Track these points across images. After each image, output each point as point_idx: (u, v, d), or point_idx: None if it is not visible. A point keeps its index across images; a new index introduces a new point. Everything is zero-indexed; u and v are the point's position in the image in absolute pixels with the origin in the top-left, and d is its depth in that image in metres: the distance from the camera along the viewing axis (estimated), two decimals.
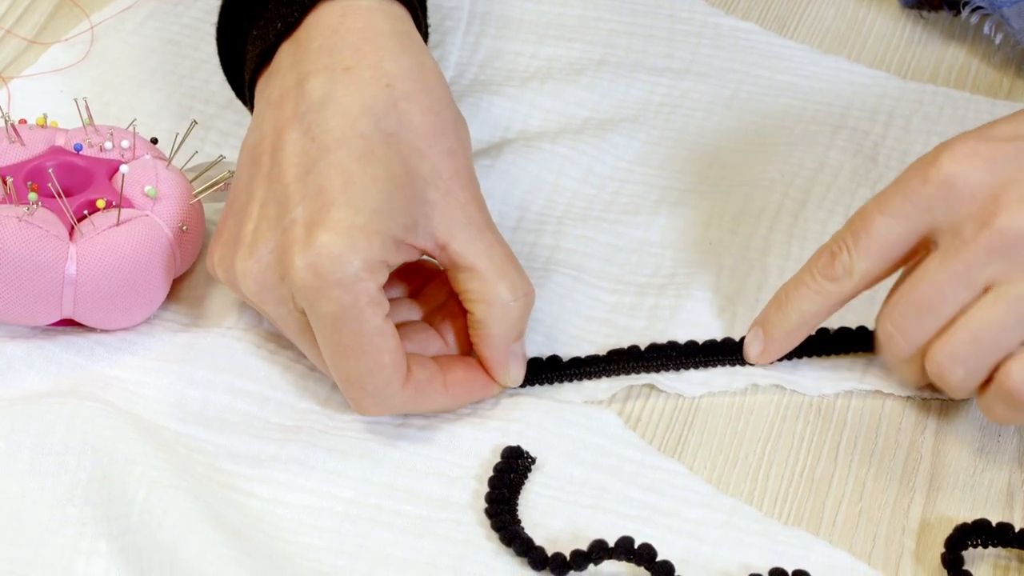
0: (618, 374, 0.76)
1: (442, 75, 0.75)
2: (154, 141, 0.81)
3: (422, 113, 0.72)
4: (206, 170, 0.79)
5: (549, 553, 0.67)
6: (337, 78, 0.72)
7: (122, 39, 0.93)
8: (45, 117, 0.79)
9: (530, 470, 0.71)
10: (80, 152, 0.77)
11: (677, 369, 0.76)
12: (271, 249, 0.70)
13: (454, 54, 0.93)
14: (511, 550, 0.68)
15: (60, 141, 0.78)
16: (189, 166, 0.80)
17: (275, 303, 0.71)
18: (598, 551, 0.67)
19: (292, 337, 0.72)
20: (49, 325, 0.76)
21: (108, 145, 0.78)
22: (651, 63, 0.93)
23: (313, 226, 0.69)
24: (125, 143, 0.78)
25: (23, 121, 0.79)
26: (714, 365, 0.76)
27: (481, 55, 0.93)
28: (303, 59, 0.74)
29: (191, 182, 0.78)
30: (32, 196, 0.73)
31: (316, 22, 0.74)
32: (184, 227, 0.76)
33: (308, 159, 0.71)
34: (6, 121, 0.77)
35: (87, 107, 0.79)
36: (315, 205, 0.69)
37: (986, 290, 0.69)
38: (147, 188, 0.76)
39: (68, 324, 0.76)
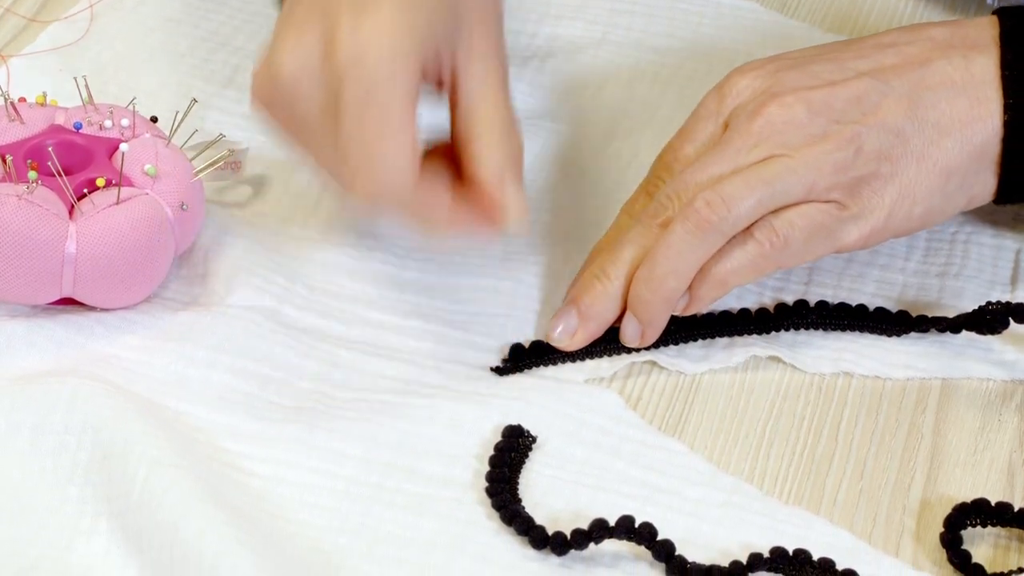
0: (619, 351, 0.76)
1: None
2: (154, 119, 0.80)
3: None
4: (206, 148, 0.79)
5: (550, 532, 0.67)
6: None
7: (122, 17, 0.93)
8: (45, 95, 0.79)
9: (531, 449, 0.71)
10: (80, 131, 0.77)
11: (677, 343, 0.76)
12: (318, 34, 0.71)
13: None
14: (512, 529, 0.68)
15: (60, 119, 0.78)
16: (189, 144, 0.80)
17: (310, 88, 0.72)
18: (599, 530, 0.67)
19: (307, 134, 0.73)
20: (49, 304, 0.76)
21: (108, 123, 0.78)
22: (652, 42, 0.93)
23: (361, 14, 0.70)
24: (125, 121, 0.78)
25: (23, 99, 0.79)
26: (713, 337, 0.76)
27: None
28: None
29: (191, 160, 0.78)
30: (32, 175, 0.73)
31: None
32: (184, 206, 0.76)
33: None
34: (6, 99, 0.77)
35: (87, 85, 0.79)
36: (363, 2, 0.71)
37: None
38: (147, 167, 0.76)
39: (68, 303, 0.76)
